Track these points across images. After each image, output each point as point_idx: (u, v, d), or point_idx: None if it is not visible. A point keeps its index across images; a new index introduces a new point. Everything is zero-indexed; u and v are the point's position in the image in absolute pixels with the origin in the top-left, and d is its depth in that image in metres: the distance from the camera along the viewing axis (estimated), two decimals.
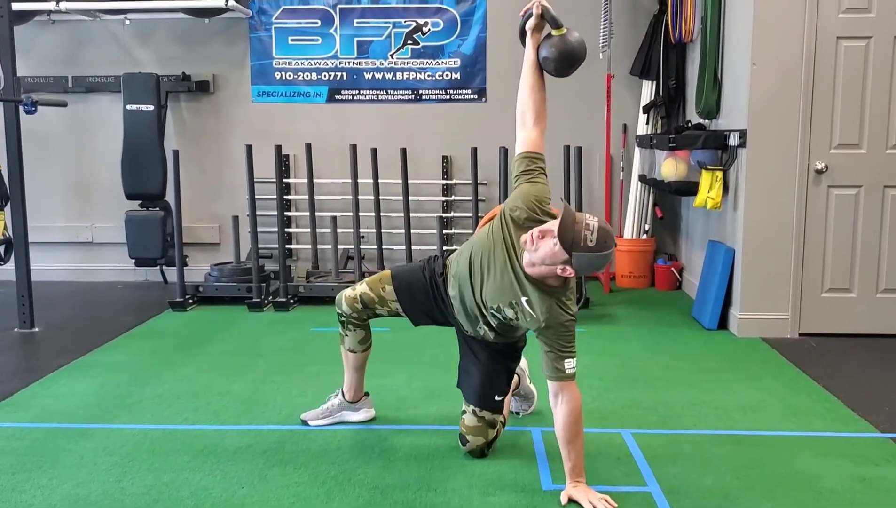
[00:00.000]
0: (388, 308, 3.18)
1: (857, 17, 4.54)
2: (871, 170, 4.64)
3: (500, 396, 3.10)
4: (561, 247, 2.58)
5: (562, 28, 2.92)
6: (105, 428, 3.37)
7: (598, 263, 2.67)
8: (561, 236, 2.57)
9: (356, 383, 3.36)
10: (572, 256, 2.58)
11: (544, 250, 2.63)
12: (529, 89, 3.00)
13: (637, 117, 6.32)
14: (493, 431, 3.07)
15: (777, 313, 4.76)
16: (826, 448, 3.14)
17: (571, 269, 2.63)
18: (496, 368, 3.10)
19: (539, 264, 2.69)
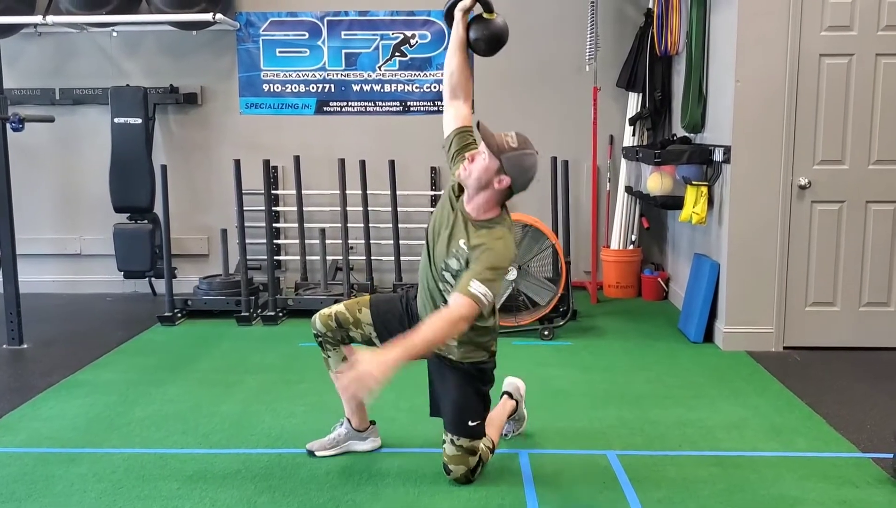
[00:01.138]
0: (362, 332, 3.20)
1: (840, 34, 4.59)
2: (854, 185, 4.69)
3: (473, 421, 3.05)
4: (489, 153, 2.80)
5: (493, 12, 3.08)
6: (95, 453, 3.38)
7: (527, 162, 2.85)
8: (487, 144, 2.80)
9: (356, 408, 3.35)
10: (502, 160, 2.78)
11: (477, 167, 2.82)
12: (459, 68, 3.11)
13: (623, 128, 6.36)
14: (473, 458, 3.06)
15: (762, 327, 4.82)
16: (808, 470, 3.19)
17: (506, 176, 2.80)
18: (465, 391, 3.07)
19: (475, 188, 2.85)
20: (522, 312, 5.21)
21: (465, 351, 3.06)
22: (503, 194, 2.87)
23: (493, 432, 3.24)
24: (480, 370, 3.10)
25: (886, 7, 4.55)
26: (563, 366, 4.59)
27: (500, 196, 2.87)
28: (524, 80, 6.41)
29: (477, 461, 3.08)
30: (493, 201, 2.87)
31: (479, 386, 3.11)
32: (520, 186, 2.87)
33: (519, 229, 5.22)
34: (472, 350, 3.07)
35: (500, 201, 2.89)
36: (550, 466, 3.23)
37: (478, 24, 3.08)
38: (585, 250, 6.45)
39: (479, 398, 3.11)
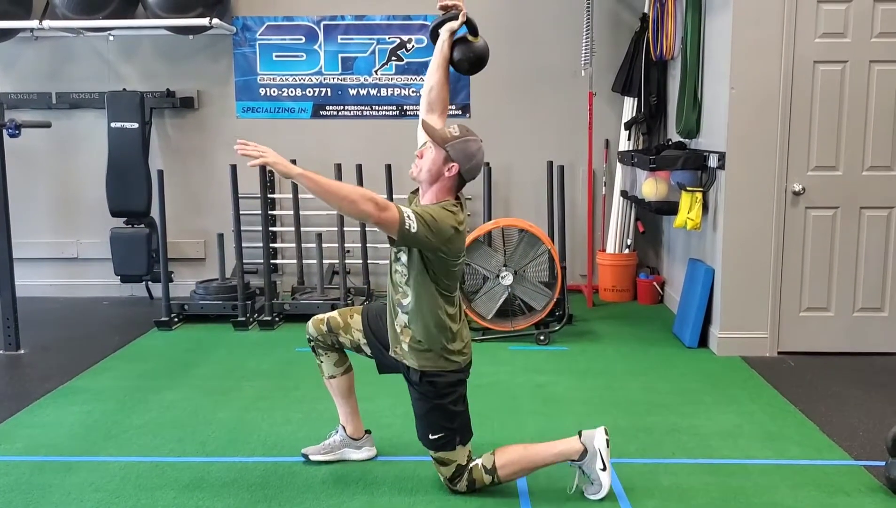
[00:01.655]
0: (352, 338, 3.23)
1: (833, 41, 4.60)
2: (848, 191, 4.71)
3: (434, 434, 3.01)
4: (434, 145, 2.90)
5: (478, 35, 3.20)
6: (92, 461, 3.40)
7: (471, 147, 2.92)
8: (431, 137, 2.92)
9: (350, 414, 3.37)
10: (447, 149, 2.88)
11: (426, 160, 2.93)
12: (439, 84, 3.17)
13: (619, 133, 6.38)
14: (446, 468, 3.04)
15: (756, 332, 4.84)
16: (802, 478, 3.21)
17: (453, 163, 2.89)
18: (422, 405, 3.04)
19: (428, 182, 2.93)
20: (518, 317, 5.23)
21: (421, 354, 2.98)
22: (454, 181, 2.94)
23: (509, 460, 3.06)
24: (433, 384, 2.99)
25: (880, 14, 4.57)
26: (559, 372, 4.61)
27: (452, 184, 2.94)
28: (520, 84, 6.42)
29: (454, 472, 3.04)
30: (446, 190, 2.94)
31: (436, 400, 3.01)
32: (468, 172, 2.94)
33: (515, 234, 5.25)
34: (429, 357, 2.98)
35: (452, 188, 2.95)
36: (544, 474, 3.24)
37: (462, 45, 3.18)
38: (581, 254, 6.47)
39: (439, 411, 3.02)
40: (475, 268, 5.26)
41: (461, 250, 2.97)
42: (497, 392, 4.24)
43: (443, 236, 2.83)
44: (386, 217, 2.71)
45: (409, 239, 2.76)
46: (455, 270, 2.98)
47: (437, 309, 2.95)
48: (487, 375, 4.48)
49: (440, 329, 2.97)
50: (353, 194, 2.72)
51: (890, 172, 4.69)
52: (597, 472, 3.04)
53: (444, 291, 2.97)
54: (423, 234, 2.77)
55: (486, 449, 3.42)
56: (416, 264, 2.92)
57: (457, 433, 3.04)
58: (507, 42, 6.38)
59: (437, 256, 2.88)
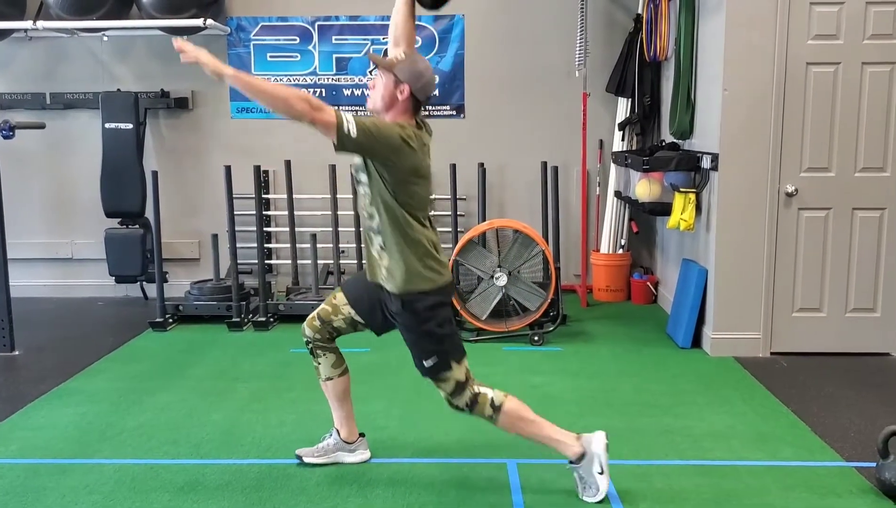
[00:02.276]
0: (343, 316, 3.24)
1: (826, 43, 4.62)
2: (840, 193, 4.73)
3: (427, 360, 3.04)
4: (383, 71, 2.96)
5: None
6: (86, 464, 3.41)
7: (419, 66, 2.97)
8: (378, 64, 2.99)
9: (345, 418, 3.38)
10: (395, 72, 2.93)
11: (378, 87, 2.98)
12: (405, 19, 3.21)
13: (613, 133, 6.39)
14: (445, 384, 3.06)
15: (749, 333, 4.86)
16: (793, 480, 3.23)
17: (404, 84, 2.93)
18: (410, 334, 3.07)
19: (384, 109, 2.96)
20: (513, 317, 5.24)
21: (399, 276, 2.98)
22: (409, 102, 2.97)
23: (515, 414, 3.10)
24: (414, 312, 3.00)
25: (872, 16, 4.59)
26: (553, 373, 4.63)
27: (407, 105, 2.97)
28: (515, 85, 6.43)
29: (454, 387, 3.05)
30: (401, 112, 2.97)
31: (422, 326, 3.02)
32: (420, 90, 2.96)
33: (509, 235, 5.26)
34: (405, 273, 2.97)
35: (408, 110, 2.98)
36: (538, 476, 3.27)
37: None
38: (575, 254, 6.49)
39: (426, 337, 3.04)
40: (470, 269, 5.28)
41: (418, 169, 2.94)
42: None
43: (388, 144, 2.82)
44: (321, 117, 2.71)
45: (349, 143, 2.75)
46: (417, 190, 2.96)
47: (405, 226, 2.95)
48: (482, 376, 4.38)
49: (412, 245, 2.97)
50: (286, 93, 2.73)
51: (882, 173, 4.71)
52: (594, 475, 3.05)
53: (410, 209, 2.96)
54: (364, 138, 2.76)
55: (480, 450, 3.46)
56: (376, 181, 2.92)
57: (448, 355, 3.05)
58: (502, 43, 6.40)
59: (388, 169, 2.87)
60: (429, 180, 3.03)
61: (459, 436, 3.66)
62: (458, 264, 5.25)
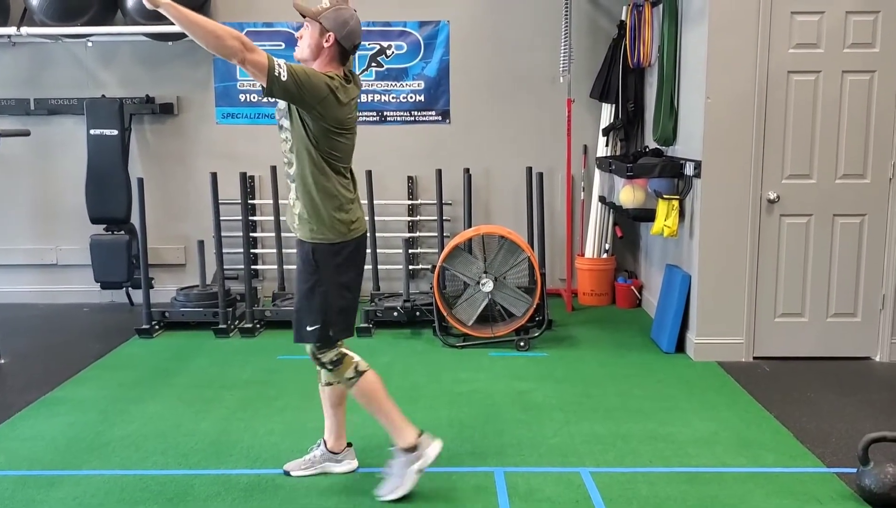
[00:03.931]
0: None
1: (807, 52, 4.68)
2: (821, 199, 4.80)
3: (311, 325, 3.10)
4: (309, 20, 2.99)
5: None
6: (75, 475, 3.41)
7: (343, 14, 3.01)
8: (303, 13, 2.99)
9: (336, 426, 3.41)
10: (320, 21, 2.97)
11: (305, 37, 3.02)
12: None
13: (597, 139, 6.44)
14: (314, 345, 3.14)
15: (732, 338, 4.92)
16: (776, 486, 3.28)
17: (329, 32, 2.97)
18: (301, 290, 3.13)
19: (312, 58, 3.00)
20: (499, 323, 5.28)
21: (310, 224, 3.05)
22: (335, 50, 3.01)
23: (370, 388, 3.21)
24: (315, 261, 3.07)
25: (852, 25, 4.65)
26: (539, 379, 4.66)
27: (334, 53, 3.02)
28: (500, 91, 6.47)
29: (319, 346, 3.14)
30: (328, 61, 3.02)
31: (312, 279, 3.10)
32: (346, 38, 3.00)
33: (495, 242, 5.29)
34: (316, 222, 3.05)
35: (335, 58, 3.03)
36: (525, 484, 3.30)
37: None
38: (560, 259, 6.54)
39: (313, 295, 3.10)
40: (456, 275, 5.31)
41: (343, 121, 3.00)
42: (477, 400, 4.28)
43: (315, 93, 2.86)
44: (254, 58, 2.76)
45: (278, 87, 2.79)
46: (339, 142, 3.02)
47: (321, 176, 3.01)
48: (468, 382, 4.52)
49: (326, 196, 3.03)
50: (219, 30, 2.74)
51: (862, 180, 4.78)
52: (409, 472, 3.16)
53: (329, 159, 3.00)
54: (293, 84, 2.80)
55: (467, 459, 3.48)
56: (298, 129, 2.97)
57: (332, 327, 3.11)
58: (487, 49, 6.43)
59: (313, 119, 2.91)
60: (353, 133, 3.10)
61: (447, 444, 3.64)
62: (445, 269, 5.29)
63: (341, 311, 3.15)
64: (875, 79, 4.69)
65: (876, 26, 4.65)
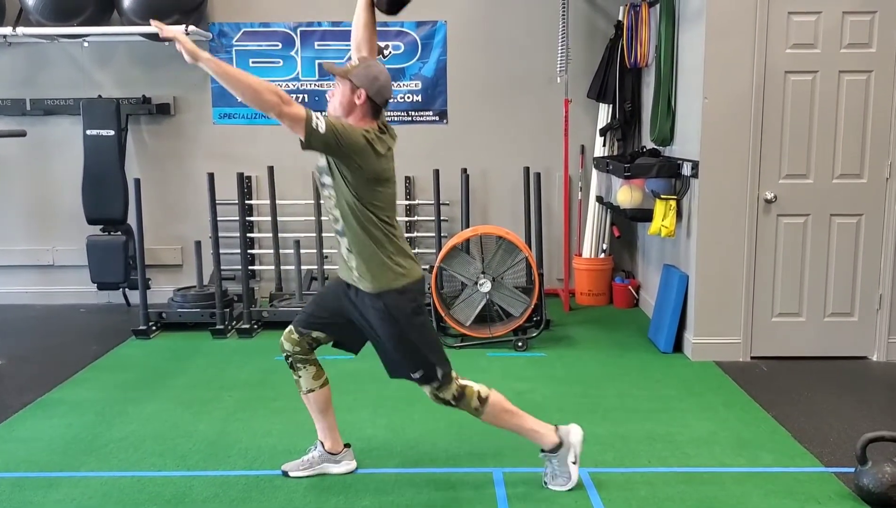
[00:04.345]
0: (321, 324, 3.28)
1: (804, 52, 4.69)
2: (818, 199, 4.80)
3: (415, 372, 3.10)
4: (338, 79, 3.01)
5: None
6: (72, 477, 3.40)
7: (373, 70, 3.02)
8: (333, 72, 3.03)
9: (328, 429, 3.40)
10: (351, 79, 2.98)
11: (336, 95, 3.02)
12: (364, 26, 3.24)
13: (594, 139, 6.44)
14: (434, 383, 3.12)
15: (729, 338, 4.92)
16: (774, 486, 3.29)
17: (360, 88, 2.97)
18: (389, 344, 3.10)
19: (344, 114, 2.99)
20: (497, 323, 5.28)
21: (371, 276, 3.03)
22: (367, 106, 3.01)
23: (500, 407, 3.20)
24: (394, 313, 3.04)
25: (849, 25, 4.66)
26: (537, 379, 4.66)
27: (366, 110, 3.01)
28: (497, 91, 6.46)
29: (440, 384, 3.12)
30: (361, 117, 3.01)
31: (403, 331, 3.07)
32: (377, 94, 3.00)
33: (492, 242, 5.29)
34: (377, 272, 3.02)
35: (367, 114, 3.02)
36: (524, 484, 3.30)
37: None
38: (558, 258, 6.54)
39: (409, 346, 3.08)
40: (453, 275, 5.30)
41: (382, 172, 2.99)
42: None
43: (353, 145, 2.86)
44: (291, 111, 2.76)
45: (316, 139, 2.79)
46: (380, 192, 3.01)
47: (369, 227, 3.00)
48: None
49: (379, 245, 3.02)
50: (257, 84, 2.75)
51: (859, 179, 4.79)
52: (568, 465, 3.23)
53: (375, 210, 3.00)
54: (332, 137, 2.80)
55: (466, 459, 3.49)
56: (339, 183, 2.96)
57: (436, 365, 3.11)
58: (485, 49, 6.43)
59: (353, 172, 2.91)
60: (393, 183, 3.09)
61: (446, 445, 3.69)
62: (442, 270, 5.28)
63: (433, 348, 3.14)
64: (872, 79, 4.70)
65: (873, 27, 4.66)
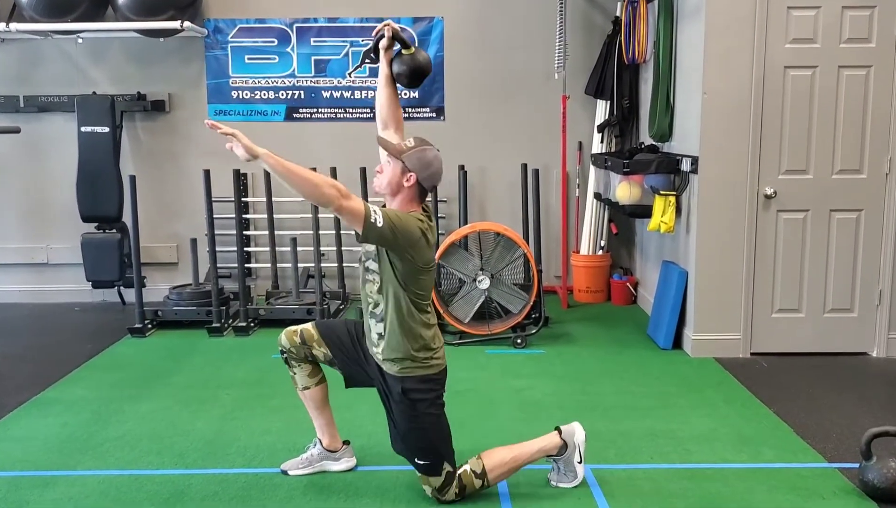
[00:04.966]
0: (325, 351, 3.23)
1: (803, 47, 4.67)
2: (818, 195, 4.79)
3: (421, 459, 3.03)
4: (391, 158, 2.96)
5: (411, 47, 3.23)
6: (69, 476, 3.36)
7: (427, 156, 2.98)
8: (387, 150, 2.99)
9: (326, 426, 3.36)
10: (403, 160, 2.93)
11: (386, 173, 2.98)
12: (388, 102, 3.23)
13: (592, 135, 6.42)
14: (436, 479, 3.04)
15: (729, 334, 4.90)
16: (777, 481, 3.26)
17: (411, 172, 2.93)
18: (406, 428, 3.03)
19: (390, 194, 2.98)
20: (495, 320, 5.25)
21: (398, 363, 2.99)
22: (415, 190, 2.97)
23: (498, 462, 3.11)
24: (412, 400, 2.99)
25: (848, 20, 4.64)
26: (536, 376, 4.64)
27: (414, 194, 2.98)
28: (494, 88, 6.44)
29: (443, 482, 3.05)
30: (409, 200, 2.98)
31: (417, 419, 3.01)
32: (427, 180, 2.97)
33: (491, 239, 5.26)
34: (403, 361, 2.98)
35: (414, 198, 2.99)
36: (527, 481, 3.27)
37: (399, 59, 3.24)
38: (556, 256, 6.51)
39: (421, 432, 3.02)
40: (452, 272, 5.27)
41: (431, 260, 2.99)
42: (475, 398, 4.26)
43: (409, 237, 2.84)
44: (350, 206, 2.73)
45: (374, 233, 2.76)
46: (424, 280, 3.00)
47: (409, 317, 2.97)
48: (465, 380, 4.49)
49: (413, 338, 2.99)
50: (316, 179, 2.73)
51: (859, 175, 4.77)
52: (574, 464, 3.22)
53: (415, 299, 2.97)
54: (389, 230, 2.78)
55: (466, 456, 3.43)
56: (387, 270, 2.93)
57: (443, 458, 3.06)
58: (482, 45, 6.40)
59: (404, 262, 2.89)
60: (434, 270, 3.08)
61: None
62: (441, 266, 5.25)
63: (444, 440, 3.08)
64: (871, 74, 4.69)
65: (872, 21, 4.64)
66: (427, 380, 3.02)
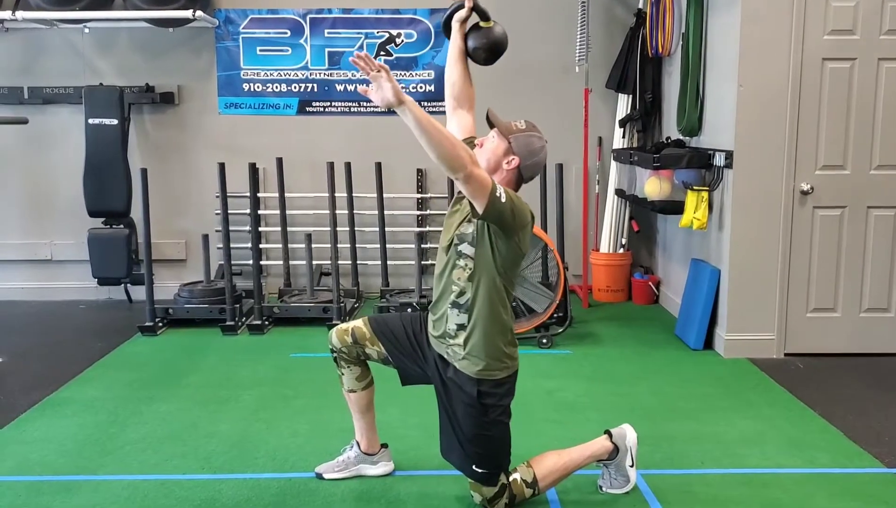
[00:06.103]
0: (379, 349, 3.04)
1: (842, 38, 4.54)
2: (855, 191, 4.65)
3: (481, 468, 2.83)
4: (498, 134, 2.79)
5: (490, 20, 3.01)
6: (91, 480, 3.19)
7: (535, 144, 2.80)
8: (497, 125, 2.80)
9: (366, 429, 3.19)
10: (510, 140, 2.76)
11: (487, 148, 2.79)
12: (461, 79, 3.07)
13: (612, 130, 6.27)
14: (489, 489, 2.87)
15: (763, 334, 4.76)
16: (837, 487, 3.12)
17: (514, 156, 2.76)
18: (471, 427, 2.82)
19: (486, 169, 2.70)
20: (520, 319, 5.09)
21: (480, 360, 2.76)
22: (513, 175, 2.80)
23: (549, 470, 2.94)
24: (484, 406, 2.79)
25: (889, 11, 4.51)
26: (566, 377, 4.49)
27: (511, 178, 2.80)
28: (512, 81, 6.27)
29: (495, 493, 2.87)
30: (505, 184, 2.75)
31: (487, 425, 2.81)
32: (528, 168, 2.80)
33: None
34: (487, 357, 2.77)
35: (511, 183, 2.80)
36: (575, 487, 3.12)
37: (476, 33, 3.02)
38: (576, 254, 6.35)
39: (488, 441, 2.82)
40: None
41: (528, 249, 2.84)
42: None
43: (523, 220, 2.68)
44: (480, 174, 2.53)
45: (496, 209, 2.56)
46: (518, 268, 2.85)
47: (500, 306, 2.77)
48: None
49: (501, 329, 2.79)
50: (453, 138, 2.52)
51: None
52: (626, 469, 3.05)
53: (507, 288, 2.79)
54: (509, 209, 2.59)
55: None
56: (485, 255, 2.72)
57: (502, 468, 2.89)
58: None
59: (510, 246, 2.70)
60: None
61: None
62: None
63: (506, 451, 2.90)
64: None
65: None
66: (502, 384, 2.83)
